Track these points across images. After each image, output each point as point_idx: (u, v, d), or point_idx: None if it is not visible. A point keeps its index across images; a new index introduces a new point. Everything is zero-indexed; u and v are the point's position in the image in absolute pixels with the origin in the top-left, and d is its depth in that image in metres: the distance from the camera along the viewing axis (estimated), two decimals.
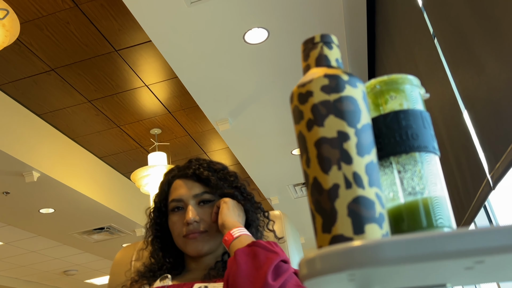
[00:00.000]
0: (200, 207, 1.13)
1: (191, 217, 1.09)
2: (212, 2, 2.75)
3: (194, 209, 1.11)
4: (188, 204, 1.13)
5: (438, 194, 0.46)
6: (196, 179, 1.15)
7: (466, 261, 0.31)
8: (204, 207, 1.13)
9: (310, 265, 0.34)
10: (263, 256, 0.93)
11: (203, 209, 1.13)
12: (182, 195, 1.14)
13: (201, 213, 1.12)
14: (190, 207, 1.12)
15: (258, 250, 0.95)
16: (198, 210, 1.12)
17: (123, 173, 5.30)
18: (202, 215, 1.12)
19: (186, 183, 1.15)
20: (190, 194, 1.13)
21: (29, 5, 2.90)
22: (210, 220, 1.12)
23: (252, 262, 0.93)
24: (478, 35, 1.44)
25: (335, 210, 0.42)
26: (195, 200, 1.13)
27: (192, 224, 1.10)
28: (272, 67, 3.42)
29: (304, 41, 0.52)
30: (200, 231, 1.10)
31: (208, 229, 1.11)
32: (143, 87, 3.84)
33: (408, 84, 0.51)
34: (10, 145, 3.65)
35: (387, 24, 2.72)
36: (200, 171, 1.15)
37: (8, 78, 3.53)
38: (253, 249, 0.96)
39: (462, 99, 1.70)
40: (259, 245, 0.96)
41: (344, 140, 0.44)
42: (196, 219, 1.10)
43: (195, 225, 1.10)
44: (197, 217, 1.10)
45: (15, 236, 5.55)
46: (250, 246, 0.97)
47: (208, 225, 1.11)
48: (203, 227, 1.11)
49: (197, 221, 1.10)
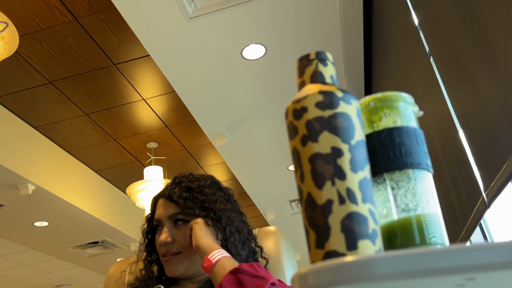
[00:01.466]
0: (177, 227, 1.11)
1: (162, 239, 1.08)
2: (210, 18, 2.78)
3: (169, 230, 1.10)
4: (164, 225, 1.11)
5: (431, 211, 0.47)
6: (171, 200, 1.13)
7: (457, 278, 0.32)
8: (181, 228, 1.10)
9: (302, 281, 0.35)
10: (250, 283, 0.90)
11: (179, 230, 1.10)
12: (160, 216, 1.13)
13: (177, 234, 1.10)
14: (164, 229, 1.10)
15: (244, 278, 0.91)
16: (173, 231, 1.10)
17: (119, 187, 5.28)
18: (178, 236, 1.09)
19: (164, 203, 1.14)
20: (166, 214, 1.12)
21: (28, 19, 2.92)
22: (184, 240, 1.08)
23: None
24: (473, 55, 1.45)
25: (329, 226, 0.42)
26: (170, 221, 1.11)
27: (165, 246, 1.09)
28: (269, 82, 3.44)
29: (299, 58, 0.53)
30: (172, 253, 1.08)
31: (183, 250, 1.08)
32: (141, 101, 3.85)
33: (402, 102, 0.51)
34: (6, 157, 3.64)
35: (383, 42, 2.75)
36: (174, 191, 1.13)
37: (6, 90, 3.54)
38: (237, 277, 0.92)
39: (457, 117, 1.71)
40: (244, 272, 0.92)
41: (338, 156, 0.44)
42: (167, 241, 1.08)
43: (168, 247, 1.09)
44: (169, 238, 1.08)
45: (9, 250, 5.49)
46: (234, 274, 0.92)
47: (182, 246, 1.08)
48: (176, 248, 1.08)
49: (169, 242, 1.08)
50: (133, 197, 4.09)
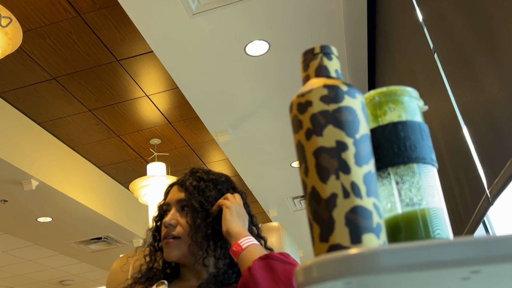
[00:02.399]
0: (183, 213, 1.14)
1: (167, 219, 1.12)
2: (214, 14, 2.77)
3: (175, 213, 1.14)
4: (172, 208, 1.16)
5: (435, 205, 0.46)
6: (182, 186, 1.17)
7: (462, 270, 0.31)
8: (187, 213, 1.14)
9: (307, 273, 0.34)
10: (280, 269, 0.92)
11: (185, 216, 1.14)
12: (170, 199, 1.18)
13: (182, 219, 1.13)
14: (171, 211, 1.15)
15: (274, 264, 0.93)
16: (179, 215, 1.14)
17: (122, 183, 5.29)
18: (182, 221, 1.13)
19: (176, 189, 1.18)
20: (175, 198, 1.16)
21: (32, 14, 2.92)
22: (187, 227, 1.11)
23: (270, 276, 0.91)
24: (477, 51, 1.45)
25: (333, 220, 0.42)
26: (178, 205, 1.15)
27: (168, 228, 1.12)
28: (272, 79, 3.44)
29: (304, 52, 0.53)
30: (173, 236, 1.11)
31: (182, 236, 1.11)
32: (144, 97, 3.85)
33: (407, 96, 0.51)
34: (9, 152, 3.65)
35: (387, 38, 2.74)
36: (188, 178, 1.18)
37: (9, 86, 3.54)
38: (268, 262, 0.94)
39: (461, 114, 1.71)
40: (274, 258, 0.95)
41: (343, 150, 0.44)
42: (171, 222, 1.12)
43: (170, 229, 1.12)
44: (173, 220, 1.12)
45: (12, 245, 5.52)
46: (264, 259, 0.95)
47: (183, 231, 1.11)
48: (177, 232, 1.11)
49: (172, 224, 1.12)
50: (136, 193, 4.10)
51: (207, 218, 1.11)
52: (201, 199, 1.13)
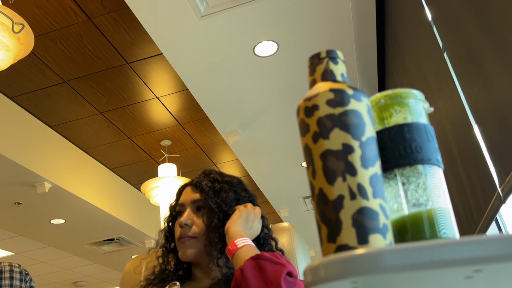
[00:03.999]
0: (198, 213, 1.16)
1: (182, 220, 1.13)
2: (222, 16, 2.79)
3: (190, 214, 1.15)
4: (186, 209, 1.17)
5: (441, 206, 0.47)
6: (197, 187, 1.18)
7: (465, 269, 0.32)
8: (202, 213, 1.15)
9: (314, 273, 0.35)
10: (269, 269, 0.93)
11: (200, 216, 1.15)
12: (184, 200, 1.19)
13: (197, 220, 1.14)
14: (186, 211, 1.16)
15: (264, 264, 0.95)
16: (194, 215, 1.15)
17: (134, 185, 5.33)
18: (197, 221, 1.14)
19: (190, 190, 1.20)
20: (189, 199, 1.17)
21: (43, 19, 2.96)
22: (203, 227, 1.13)
23: (260, 276, 0.93)
24: (487, 49, 1.44)
25: (340, 221, 0.43)
26: (193, 205, 1.17)
27: (183, 228, 1.13)
28: (281, 79, 3.44)
29: (310, 57, 0.54)
30: (188, 236, 1.12)
31: (198, 236, 1.12)
32: (154, 99, 3.88)
33: (412, 98, 0.52)
34: (22, 156, 3.70)
35: (396, 37, 2.74)
36: (202, 180, 1.19)
37: (22, 90, 3.59)
38: (258, 262, 0.96)
39: (472, 113, 1.70)
40: (264, 258, 0.96)
41: (349, 153, 0.45)
42: (187, 222, 1.13)
43: (185, 229, 1.13)
44: (189, 220, 1.13)
45: (26, 247, 5.59)
46: (255, 259, 0.96)
47: (199, 231, 1.13)
48: (192, 232, 1.13)
49: (188, 224, 1.13)
50: (148, 194, 4.13)
51: (224, 219, 1.12)
52: (217, 200, 1.15)
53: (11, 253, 5.83)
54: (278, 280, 0.91)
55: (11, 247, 5.61)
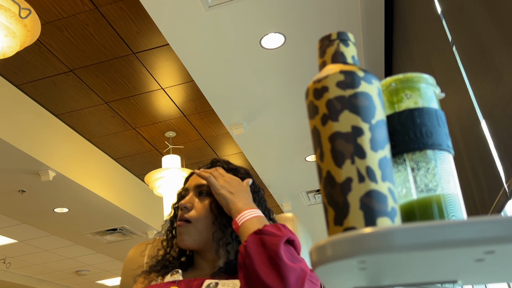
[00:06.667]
0: (200, 198, 1.16)
1: (183, 202, 1.14)
2: (229, 7, 2.77)
3: (192, 197, 1.16)
4: (190, 192, 1.18)
5: (451, 192, 0.46)
6: None
7: (476, 251, 0.31)
8: (203, 199, 1.15)
9: (321, 252, 0.35)
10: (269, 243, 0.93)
11: (201, 201, 1.15)
12: (188, 185, 1.20)
13: (197, 204, 1.15)
14: (189, 195, 1.17)
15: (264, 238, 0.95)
16: (196, 199, 1.16)
17: (137, 175, 5.34)
18: (197, 205, 1.14)
19: (196, 176, 1.20)
20: (194, 184, 1.18)
21: (50, 7, 2.95)
22: (202, 212, 1.13)
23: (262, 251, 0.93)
24: (497, 43, 1.42)
25: (348, 203, 0.42)
26: (196, 190, 1.17)
27: (183, 210, 1.14)
28: (288, 72, 3.43)
29: (320, 38, 0.53)
30: (184, 219, 1.13)
31: (193, 221, 1.12)
32: (159, 90, 3.87)
33: (424, 83, 0.51)
34: (27, 144, 3.71)
35: (405, 30, 2.71)
36: (208, 167, 1.22)
37: (27, 78, 3.59)
38: (261, 237, 0.95)
39: (479, 107, 1.69)
40: (265, 232, 0.96)
41: (358, 135, 0.44)
42: (186, 206, 1.13)
43: (184, 211, 1.14)
44: (189, 204, 1.14)
45: (29, 235, 5.62)
46: (257, 234, 0.96)
47: (196, 216, 1.12)
48: (189, 215, 1.12)
49: (187, 207, 1.13)
50: (151, 185, 4.14)
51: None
52: None
53: (15, 240, 5.87)
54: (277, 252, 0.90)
55: (15, 234, 5.65)
